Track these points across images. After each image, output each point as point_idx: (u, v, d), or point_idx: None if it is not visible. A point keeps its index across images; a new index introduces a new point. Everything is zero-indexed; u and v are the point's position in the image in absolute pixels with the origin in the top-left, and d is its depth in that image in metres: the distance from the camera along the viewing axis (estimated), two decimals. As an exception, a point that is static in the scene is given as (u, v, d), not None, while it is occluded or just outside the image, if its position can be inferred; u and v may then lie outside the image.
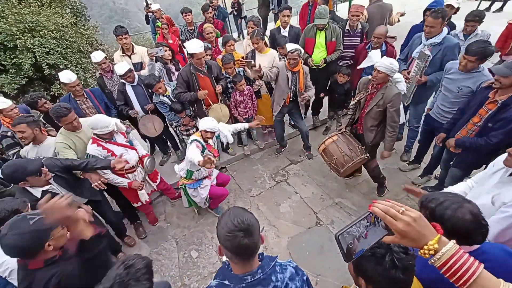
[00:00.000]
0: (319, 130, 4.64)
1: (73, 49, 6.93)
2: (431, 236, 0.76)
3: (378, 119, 2.72)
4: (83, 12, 8.69)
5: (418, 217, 0.76)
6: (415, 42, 3.09)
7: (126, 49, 3.87)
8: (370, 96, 2.69)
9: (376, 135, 2.83)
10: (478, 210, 1.13)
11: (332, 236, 2.97)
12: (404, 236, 0.76)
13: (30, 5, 6.67)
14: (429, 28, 2.80)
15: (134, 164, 2.83)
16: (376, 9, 4.18)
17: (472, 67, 2.40)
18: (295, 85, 3.39)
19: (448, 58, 2.82)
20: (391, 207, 0.78)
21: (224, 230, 1.02)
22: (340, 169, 2.90)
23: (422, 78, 2.91)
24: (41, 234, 1.29)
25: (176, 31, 5.06)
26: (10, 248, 1.27)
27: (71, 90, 3.18)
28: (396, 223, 0.76)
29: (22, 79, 6.22)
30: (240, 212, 1.07)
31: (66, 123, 2.51)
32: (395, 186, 3.41)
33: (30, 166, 1.95)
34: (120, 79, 3.35)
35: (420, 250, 0.78)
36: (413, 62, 3.03)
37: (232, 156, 4.21)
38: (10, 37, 5.94)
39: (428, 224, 0.78)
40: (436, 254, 0.75)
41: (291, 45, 3.19)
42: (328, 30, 3.60)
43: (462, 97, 2.56)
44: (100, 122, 2.45)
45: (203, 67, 3.27)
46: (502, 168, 1.60)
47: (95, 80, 7.03)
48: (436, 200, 1.17)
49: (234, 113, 3.71)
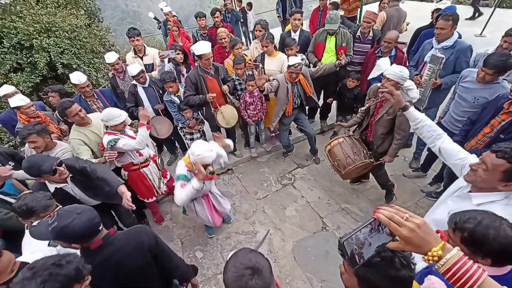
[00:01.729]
0: (327, 134, 4.62)
1: (86, 50, 7.07)
2: (435, 243, 0.77)
3: (388, 127, 2.69)
4: (96, 14, 8.88)
5: (422, 223, 0.77)
6: (425, 48, 3.07)
7: (138, 50, 3.95)
8: (380, 103, 2.65)
9: (384, 142, 2.80)
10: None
11: (337, 241, 2.95)
12: (408, 242, 0.77)
13: (47, 6, 6.86)
14: (439, 30, 2.77)
15: (147, 156, 2.96)
16: (394, 13, 4.19)
17: (490, 79, 2.34)
18: (298, 93, 3.44)
19: (461, 60, 2.79)
20: (395, 214, 0.79)
21: (231, 271, 0.93)
22: (342, 170, 2.90)
23: (437, 81, 2.88)
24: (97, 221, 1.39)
25: (183, 33, 5.13)
26: (80, 228, 1.30)
27: (81, 91, 3.26)
28: (401, 229, 0.76)
29: (37, 78, 6.39)
30: (247, 252, 0.98)
31: (72, 115, 2.56)
32: (403, 193, 3.37)
33: (44, 165, 1.98)
34: (132, 79, 3.41)
35: (424, 256, 0.78)
36: (425, 66, 2.99)
37: (239, 158, 4.22)
38: (27, 36, 6.11)
39: (432, 231, 0.78)
40: (440, 260, 0.75)
41: (295, 59, 3.20)
42: (338, 35, 3.61)
43: (477, 108, 2.47)
44: (111, 114, 2.56)
45: (211, 69, 3.31)
46: (465, 184, 1.52)
47: (106, 80, 7.16)
48: (473, 219, 1.06)
49: (243, 115, 3.73)
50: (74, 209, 1.34)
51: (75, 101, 2.62)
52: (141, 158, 2.90)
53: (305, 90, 3.42)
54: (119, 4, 46.68)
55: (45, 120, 3.05)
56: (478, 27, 6.37)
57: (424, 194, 3.31)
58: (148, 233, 1.57)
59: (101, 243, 1.39)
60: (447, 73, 2.90)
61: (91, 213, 1.36)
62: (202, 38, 4.87)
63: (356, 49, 3.77)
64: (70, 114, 2.55)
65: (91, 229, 1.34)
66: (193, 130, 3.64)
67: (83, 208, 1.37)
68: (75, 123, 2.67)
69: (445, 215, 1.45)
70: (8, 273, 1.34)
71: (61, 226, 1.26)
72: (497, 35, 3.45)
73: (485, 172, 1.32)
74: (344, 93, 3.91)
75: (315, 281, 2.63)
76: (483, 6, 7.90)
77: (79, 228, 1.28)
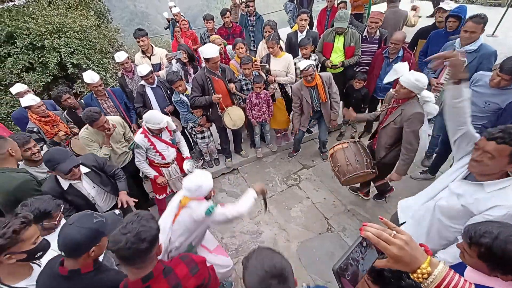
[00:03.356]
0: (333, 135, 4.60)
1: (96, 50, 7.22)
2: (422, 258, 0.74)
3: (394, 137, 2.50)
4: (106, 15, 9.05)
5: (409, 239, 0.75)
6: (447, 50, 3.00)
7: (145, 50, 4.00)
8: (391, 110, 2.52)
9: (387, 154, 2.62)
10: None
11: (344, 243, 2.93)
12: (398, 260, 0.74)
13: (58, 7, 7.03)
14: (469, 34, 2.63)
15: (170, 161, 3.02)
16: (390, 15, 4.14)
17: (505, 85, 2.26)
18: (316, 98, 3.41)
19: (483, 66, 2.69)
20: (383, 231, 0.76)
21: (255, 279, 0.88)
22: (341, 177, 2.77)
23: None
24: (96, 235, 1.34)
25: (192, 34, 5.17)
26: (66, 238, 1.28)
27: (93, 90, 3.32)
28: (390, 247, 0.74)
29: (48, 77, 6.54)
30: (269, 254, 0.94)
31: (98, 126, 2.62)
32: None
33: (62, 165, 1.99)
34: (140, 79, 3.46)
35: (413, 274, 0.75)
36: (443, 69, 2.91)
37: (244, 158, 4.23)
38: (39, 37, 6.27)
39: (418, 246, 0.76)
40: (429, 277, 0.73)
41: (303, 63, 3.19)
42: (347, 35, 3.60)
43: (487, 113, 2.40)
44: (154, 118, 2.63)
45: (218, 70, 3.34)
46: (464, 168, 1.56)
47: (115, 79, 7.28)
48: (489, 233, 1.01)
49: (248, 115, 3.74)
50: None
51: (101, 112, 2.64)
52: (163, 161, 2.98)
53: (320, 96, 3.35)
54: (128, 5, 47.37)
55: (55, 120, 3.12)
56: (490, 27, 6.23)
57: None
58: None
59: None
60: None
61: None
62: (209, 40, 4.90)
63: (363, 49, 3.75)
64: (96, 125, 2.61)
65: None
66: (203, 129, 3.66)
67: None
68: (96, 129, 2.68)
69: (453, 202, 1.52)
70: (31, 243, 1.36)
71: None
72: (509, 35, 3.38)
73: (492, 159, 1.32)
74: (351, 94, 3.89)
75: (319, 282, 2.62)
76: (495, 6, 7.73)
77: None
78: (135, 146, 2.74)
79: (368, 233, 0.77)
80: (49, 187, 2.12)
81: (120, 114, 3.50)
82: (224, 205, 1.97)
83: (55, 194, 1.99)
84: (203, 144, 3.80)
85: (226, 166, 4.11)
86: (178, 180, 3.19)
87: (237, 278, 2.77)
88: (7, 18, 6.19)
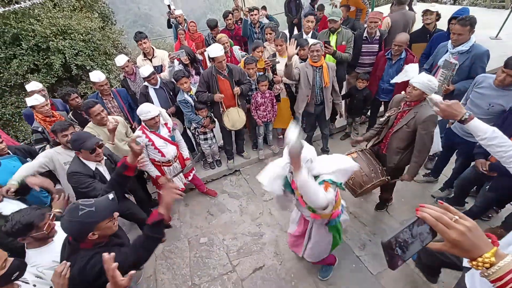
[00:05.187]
0: (336, 137, 4.59)
1: (100, 51, 7.28)
2: (486, 248, 0.71)
3: (406, 141, 2.44)
4: (110, 17, 9.12)
5: (473, 226, 0.72)
6: (440, 51, 3.00)
7: (146, 53, 4.03)
8: (401, 114, 2.43)
9: (402, 159, 2.55)
10: None
11: (345, 245, 2.91)
12: (456, 245, 0.72)
13: (63, 9, 7.11)
14: (456, 36, 2.70)
15: (171, 158, 3.06)
16: (399, 17, 4.13)
17: (510, 82, 2.21)
18: (319, 82, 3.33)
19: (476, 66, 2.70)
20: (443, 214, 0.73)
21: None
22: (358, 190, 2.61)
23: (449, 87, 2.81)
24: (85, 226, 1.41)
25: (199, 36, 5.20)
26: (64, 229, 1.47)
27: (99, 89, 3.38)
28: (450, 231, 0.71)
29: (52, 78, 6.62)
30: None
31: (94, 114, 2.74)
32: (414, 198, 3.31)
33: (87, 142, 2.18)
34: (143, 81, 3.49)
35: (472, 261, 0.73)
36: (438, 71, 2.93)
37: (246, 159, 4.24)
38: (44, 39, 6.35)
39: (484, 235, 0.73)
40: (491, 268, 0.70)
41: (313, 40, 3.25)
42: (340, 34, 3.69)
43: (491, 115, 2.36)
44: (144, 109, 2.74)
45: (224, 70, 3.36)
46: None
47: (118, 81, 7.33)
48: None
49: (254, 115, 3.75)
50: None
51: (98, 102, 2.80)
52: (163, 159, 3.01)
53: (324, 79, 3.30)
54: (132, 7, 47.82)
55: (60, 120, 3.15)
56: (494, 30, 6.21)
57: (435, 200, 3.24)
58: None
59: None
60: (461, 78, 2.82)
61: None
62: (214, 41, 4.92)
63: (364, 50, 3.77)
64: (93, 113, 2.74)
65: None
66: (207, 130, 3.69)
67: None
68: (93, 120, 2.84)
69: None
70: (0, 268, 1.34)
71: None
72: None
73: None
74: (354, 94, 3.89)
75: (321, 285, 2.61)
76: (499, 8, 7.71)
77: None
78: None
79: (425, 213, 0.74)
80: (81, 169, 2.24)
81: (123, 114, 3.54)
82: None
83: (87, 173, 2.21)
84: (206, 145, 3.81)
85: (228, 167, 4.11)
86: (179, 179, 3.21)
87: (238, 279, 2.77)
88: (13, 20, 6.27)
